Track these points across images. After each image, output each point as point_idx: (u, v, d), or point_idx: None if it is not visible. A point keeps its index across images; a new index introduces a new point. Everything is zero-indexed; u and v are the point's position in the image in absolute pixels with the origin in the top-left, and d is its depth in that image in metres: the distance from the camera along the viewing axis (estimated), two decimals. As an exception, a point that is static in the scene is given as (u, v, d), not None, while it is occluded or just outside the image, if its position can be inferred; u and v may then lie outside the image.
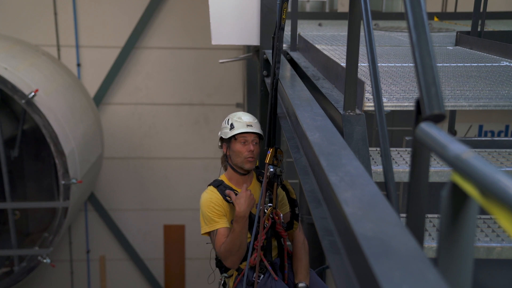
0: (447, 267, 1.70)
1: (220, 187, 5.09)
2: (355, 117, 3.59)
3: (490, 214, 1.46)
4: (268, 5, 7.33)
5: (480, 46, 6.43)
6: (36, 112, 9.73)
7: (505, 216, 1.40)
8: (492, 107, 3.90)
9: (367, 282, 1.81)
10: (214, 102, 14.40)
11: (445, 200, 1.67)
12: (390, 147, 2.97)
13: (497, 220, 1.44)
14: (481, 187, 1.49)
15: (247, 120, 5.10)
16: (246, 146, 5.04)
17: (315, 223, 2.74)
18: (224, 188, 5.08)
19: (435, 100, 1.97)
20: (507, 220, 1.39)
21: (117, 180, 14.80)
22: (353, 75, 3.59)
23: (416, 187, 2.15)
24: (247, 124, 5.06)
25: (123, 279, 15.12)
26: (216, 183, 5.15)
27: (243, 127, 5.05)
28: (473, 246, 1.69)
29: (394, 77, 4.72)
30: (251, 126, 5.06)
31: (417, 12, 2.15)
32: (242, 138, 5.05)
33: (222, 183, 5.14)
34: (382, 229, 1.94)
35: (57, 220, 10.53)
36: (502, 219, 1.41)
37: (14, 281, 10.78)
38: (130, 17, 13.86)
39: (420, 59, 2.05)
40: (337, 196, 2.28)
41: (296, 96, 4.33)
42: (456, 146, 1.65)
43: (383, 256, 1.78)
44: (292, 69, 5.71)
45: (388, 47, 6.69)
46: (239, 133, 5.05)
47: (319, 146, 2.93)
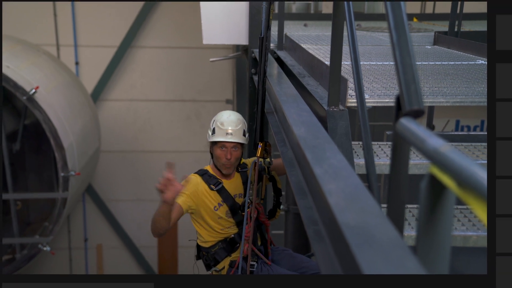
0: (426, 255, 1.70)
1: (204, 176, 5.08)
2: (338, 113, 3.59)
3: (466, 204, 1.46)
4: (256, 6, 7.34)
5: (457, 45, 6.44)
6: (36, 108, 9.75)
7: (480, 206, 1.40)
8: (468, 103, 3.91)
9: (350, 268, 1.81)
10: (205, 99, 14.41)
11: (424, 191, 1.67)
12: (371, 141, 2.98)
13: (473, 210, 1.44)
14: (458, 179, 1.49)
15: (228, 127, 5.01)
16: (225, 153, 5.02)
17: (301, 213, 2.74)
18: (209, 177, 5.08)
19: (414, 96, 1.97)
20: (482, 210, 1.39)
21: (114, 172, 14.79)
22: (337, 73, 3.58)
23: (396, 179, 2.15)
24: (226, 132, 4.99)
25: (119, 266, 15.12)
26: (201, 172, 5.14)
27: (222, 135, 5.00)
28: (450, 235, 1.69)
29: (375, 74, 4.72)
30: (230, 134, 4.99)
31: (397, 14, 2.15)
32: (221, 143, 5.02)
33: (206, 172, 5.13)
34: (364, 219, 1.94)
35: (56, 210, 10.53)
36: (478, 209, 1.41)
37: (16, 267, 10.78)
38: (125, 18, 13.84)
39: (400, 58, 2.04)
40: (321, 188, 2.28)
41: (283, 92, 4.33)
42: (434, 140, 1.65)
43: (365, 244, 1.78)
44: (279, 67, 5.71)
45: (370, 47, 6.69)
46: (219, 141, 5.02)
47: (304, 140, 2.93)
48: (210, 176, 5.10)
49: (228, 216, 5.10)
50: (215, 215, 5.05)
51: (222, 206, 5.07)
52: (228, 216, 5.10)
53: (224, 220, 5.10)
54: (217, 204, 5.05)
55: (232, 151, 5.02)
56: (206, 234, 5.14)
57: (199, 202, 4.99)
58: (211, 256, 5.16)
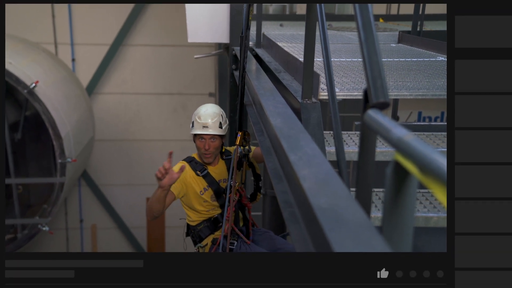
0: (391, 234, 1.70)
1: (191, 163, 5.10)
2: (311, 105, 3.58)
3: (428, 188, 1.45)
4: (237, 8, 7.37)
5: (419, 43, 6.44)
6: (36, 101, 9.74)
7: (440, 190, 1.40)
8: (429, 96, 3.92)
9: (322, 247, 1.80)
10: (190, 92, 14.38)
11: (389, 176, 1.66)
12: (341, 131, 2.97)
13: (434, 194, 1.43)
14: (420, 165, 1.48)
15: (205, 121, 4.99)
16: (203, 143, 5.01)
17: (277, 196, 2.73)
18: (195, 164, 5.10)
19: (380, 90, 1.96)
20: (441, 193, 1.39)
21: (107, 159, 14.76)
22: (310, 68, 3.58)
23: (364, 165, 2.14)
24: (203, 125, 4.98)
25: (112, 244, 15.10)
26: (188, 159, 5.15)
27: (199, 128, 5.00)
28: (413, 216, 1.69)
29: (345, 70, 4.71)
30: (206, 127, 4.98)
31: (365, 15, 2.14)
32: (200, 136, 5.02)
33: (193, 159, 5.14)
34: (335, 202, 1.94)
35: (54, 194, 10.54)
36: (438, 193, 1.41)
37: (18, 246, 10.78)
38: (117, 19, 13.78)
39: (368, 55, 2.04)
40: (296, 173, 2.27)
41: (260, 87, 4.32)
42: (398, 130, 1.65)
43: (335, 225, 1.78)
44: (257, 64, 5.69)
45: (340, 45, 6.68)
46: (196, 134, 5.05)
47: (280, 130, 2.92)
48: (196, 163, 5.11)
49: (212, 200, 5.11)
50: (201, 199, 5.07)
51: (207, 191, 5.08)
52: (213, 199, 5.11)
53: (209, 203, 5.11)
54: (203, 189, 5.06)
55: (210, 142, 5.01)
56: (193, 215, 5.17)
57: (188, 187, 5.01)
58: (197, 233, 5.19)
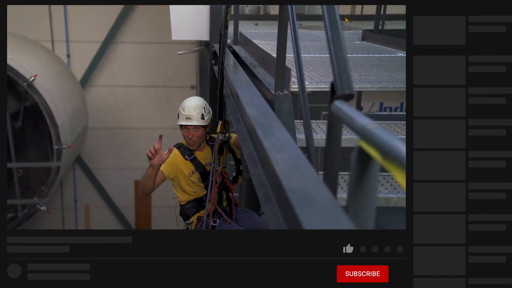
0: (355, 213, 1.70)
1: (180, 149, 5.15)
2: (283, 97, 3.57)
3: (389, 171, 1.45)
4: (216, 9, 7.37)
5: (381, 41, 6.44)
6: (35, 92, 9.77)
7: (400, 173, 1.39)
8: (390, 88, 3.92)
9: (293, 224, 1.80)
10: (173, 85, 14.37)
11: (353, 161, 1.65)
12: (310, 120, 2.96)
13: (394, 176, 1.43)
14: (382, 151, 1.48)
15: (188, 113, 5.03)
16: (187, 133, 5.08)
17: (252, 179, 2.72)
18: (184, 150, 5.14)
19: (345, 83, 1.95)
20: (401, 176, 1.39)
21: (99, 145, 14.72)
22: (282, 63, 3.57)
23: (331, 150, 2.14)
24: (186, 117, 5.03)
25: (103, 222, 15.08)
26: (178, 145, 5.20)
27: (183, 119, 5.05)
28: (375, 197, 1.69)
29: (314, 65, 4.70)
30: (189, 119, 5.02)
31: (332, 15, 2.13)
32: (184, 126, 5.08)
33: (182, 145, 5.20)
34: (304, 184, 1.93)
35: (51, 177, 10.55)
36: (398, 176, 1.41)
37: (18, 224, 10.81)
38: (108, 19, 13.73)
39: (334, 51, 2.03)
40: (269, 158, 2.26)
41: (237, 80, 4.30)
42: (362, 119, 1.64)
43: (305, 205, 1.77)
44: (234, 59, 5.68)
45: (309, 42, 6.67)
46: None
47: (255, 119, 2.91)
48: (185, 149, 5.16)
49: (199, 181, 5.17)
50: (189, 180, 5.13)
51: (195, 174, 5.14)
52: (200, 181, 5.17)
53: (196, 184, 5.18)
54: (191, 171, 5.13)
55: (193, 131, 5.06)
56: (182, 196, 5.24)
57: (177, 170, 5.07)
58: (185, 212, 5.27)
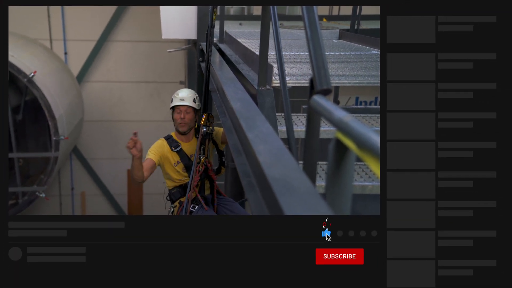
0: (333, 200, 1.69)
1: (169, 140, 5.19)
2: (266, 91, 3.56)
3: (364, 161, 1.44)
4: (204, 10, 7.40)
5: (357, 39, 6.45)
6: (34, 88, 9.74)
7: (374, 162, 1.39)
8: (365, 84, 3.93)
9: (275, 211, 1.79)
10: (163, 80, 14.36)
11: (331, 151, 1.65)
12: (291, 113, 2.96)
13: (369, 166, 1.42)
14: (357, 142, 1.47)
15: (181, 95, 5.15)
16: (179, 115, 5.12)
17: (237, 168, 2.71)
18: (171, 141, 5.19)
19: (324, 79, 1.95)
20: (375, 165, 1.38)
21: (94, 137, 14.68)
22: (264, 60, 3.56)
23: (310, 142, 2.13)
24: (180, 99, 5.13)
25: (98, 209, 15.06)
26: (167, 136, 5.25)
27: (177, 101, 5.13)
28: (352, 185, 1.68)
29: (294, 62, 4.69)
30: (183, 100, 5.12)
31: (311, 15, 2.12)
32: (178, 109, 5.14)
33: (170, 137, 5.23)
34: (286, 173, 1.92)
35: (50, 166, 10.53)
36: (372, 165, 1.40)
37: (19, 210, 10.81)
38: (103, 19, 13.68)
39: (313, 49, 2.02)
40: (253, 148, 2.25)
41: (223, 76, 4.29)
42: (339, 112, 1.63)
43: (286, 192, 1.76)
44: (220, 57, 5.66)
45: (290, 41, 6.66)
46: (174, 105, 5.15)
47: (240, 112, 2.90)
48: (172, 140, 5.20)
49: (184, 171, 5.21)
50: (175, 169, 5.19)
51: (180, 164, 5.18)
52: (183, 171, 5.21)
53: (181, 174, 5.22)
54: (176, 162, 5.17)
55: (185, 113, 5.12)
56: (169, 182, 5.30)
57: (164, 159, 5.13)
58: (170, 196, 5.34)
